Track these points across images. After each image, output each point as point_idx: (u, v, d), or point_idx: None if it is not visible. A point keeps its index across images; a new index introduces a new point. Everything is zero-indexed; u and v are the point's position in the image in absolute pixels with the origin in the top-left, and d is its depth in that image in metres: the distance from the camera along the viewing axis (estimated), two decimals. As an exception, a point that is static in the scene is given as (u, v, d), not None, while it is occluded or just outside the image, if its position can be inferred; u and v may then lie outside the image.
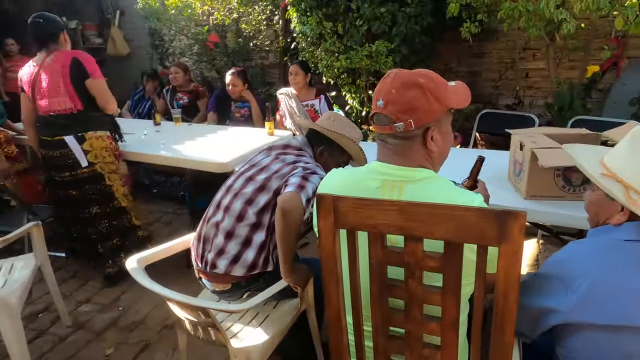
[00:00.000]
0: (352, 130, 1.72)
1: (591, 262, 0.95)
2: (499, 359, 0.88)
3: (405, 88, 1.00)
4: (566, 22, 2.66)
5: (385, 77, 1.07)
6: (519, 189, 1.76)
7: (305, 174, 1.47)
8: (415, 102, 1.00)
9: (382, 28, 3.33)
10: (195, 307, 1.32)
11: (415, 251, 0.88)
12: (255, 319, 1.60)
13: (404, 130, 1.01)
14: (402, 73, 1.04)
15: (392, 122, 1.01)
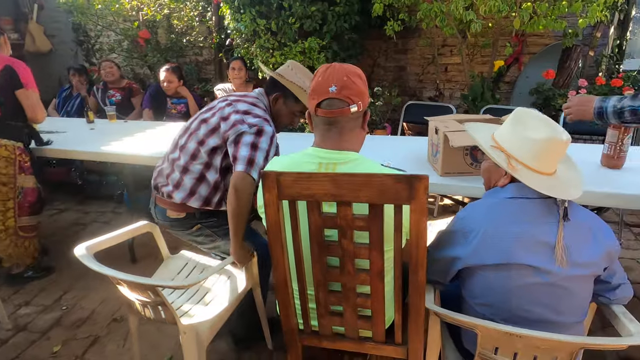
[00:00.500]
0: (309, 80, 1.69)
1: (483, 217, 1.20)
2: (415, 295, 1.09)
3: (354, 76, 1.18)
4: (474, 22, 3.01)
5: (326, 68, 1.20)
6: (436, 167, 2.02)
7: (253, 141, 1.54)
8: (362, 88, 1.19)
9: (313, 26, 3.52)
10: (146, 286, 1.40)
11: (346, 214, 1.07)
12: (203, 297, 1.72)
13: (357, 111, 1.18)
14: (344, 64, 1.21)
15: (348, 104, 1.17)
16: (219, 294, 1.73)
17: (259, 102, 1.73)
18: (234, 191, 1.48)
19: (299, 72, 1.72)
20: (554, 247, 1.10)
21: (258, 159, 1.52)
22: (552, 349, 1.08)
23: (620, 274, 1.23)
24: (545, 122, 1.18)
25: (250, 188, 1.50)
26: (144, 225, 1.83)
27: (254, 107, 1.67)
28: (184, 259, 1.98)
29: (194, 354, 1.50)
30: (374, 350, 1.25)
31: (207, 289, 1.77)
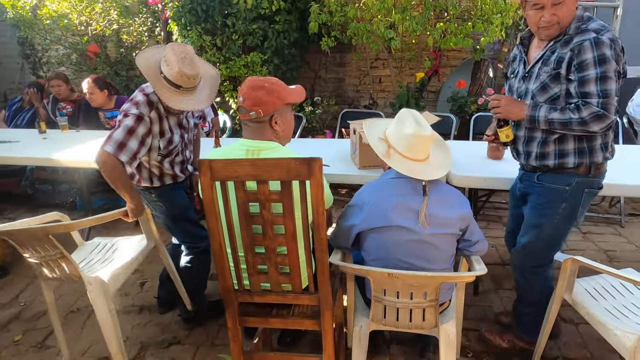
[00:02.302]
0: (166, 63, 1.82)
1: (372, 192, 1.58)
2: (319, 251, 1.44)
3: (256, 89, 1.53)
4: (394, 40, 3.47)
5: (243, 84, 1.59)
6: (355, 162, 2.41)
7: (124, 123, 1.80)
8: (262, 99, 1.54)
9: (255, 42, 3.86)
10: (37, 232, 1.67)
11: (264, 190, 1.40)
12: (111, 261, 2.06)
13: (256, 117, 1.53)
14: (253, 79, 1.57)
15: (248, 112, 1.53)
16: (123, 253, 2.08)
17: (149, 87, 1.91)
18: (99, 167, 1.83)
19: (166, 54, 1.84)
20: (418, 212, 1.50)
21: (116, 136, 1.79)
22: (421, 285, 1.47)
23: (477, 233, 1.64)
24: (416, 121, 1.58)
25: (111, 162, 1.79)
26: (52, 215, 2.14)
27: (138, 94, 1.90)
28: (96, 243, 2.27)
29: (102, 303, 1.80)
30: (294, 300, 1.58)
31: (113, 255, 2.12)
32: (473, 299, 2.45)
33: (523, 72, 1.74)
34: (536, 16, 1.58)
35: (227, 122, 4.13)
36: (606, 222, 3.49)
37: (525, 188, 1.86)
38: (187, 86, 1.85)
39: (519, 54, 1.80)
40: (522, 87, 1.74)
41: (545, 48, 1.65)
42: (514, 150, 1.87)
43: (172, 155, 2.04)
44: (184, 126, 2.08)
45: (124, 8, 4.74)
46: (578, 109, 1.55)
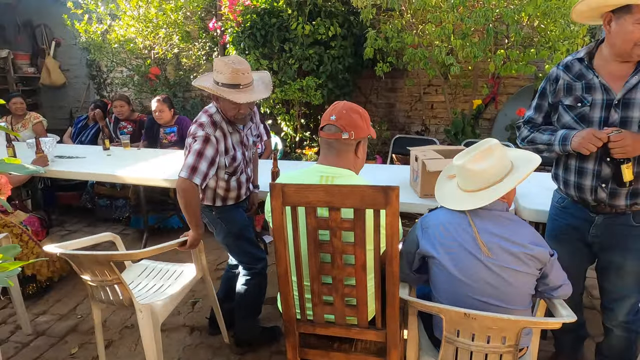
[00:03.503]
0: (217, 73, 1.89)
1: (438, 213, 1.52)
2: (390, 284, 1.36)
3: (352, 112, 1.53)
4: (453, 66, 3.40)
5: (335, 104, 1.58)
6: (416, 190, 2.33)
7: (193, 148, 1.88)
8: (357, 122, 1.53)
9: (311, 66, 3.91)
10: (100, 259, 1.71)
11: (336, 218, 1.35)
12: (160, 287, 2.07)
13: (348, 138, 1.50)
14: (348, 103, 1.57)
15: (340, 131, 1.50)
16: (172, 282, 2.09)
17: (211, 107, 2.02)
18: (178, 193, 1.88)
19: (215, 67, 1.93)
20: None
21: (201, 165, 1.87)
22: (500, 329, 1.35)
23: (560, 276, 1.49)
24: (474, 152, 1.48)
25: (191, 189, 1.86)
26: (106, 235, 2.20)
27: (202, 115, 1.99)
28: (144, 265, 2.28)
29: (150, 331, 1.80)
30: (358, 335, 1.50)
31: (162, 281, 2.13)
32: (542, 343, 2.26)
33: (610, 100, 1.53)
34: (635, 37, 1.42)
35: (278, 144, 4.16)
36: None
37: (608, 234, 1.64)
38: (243, 82, 1.90)
39: (592, 80, 1.56)
40: (615, 117, 1.52)
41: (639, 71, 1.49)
42: (611, 189, 1.57)
43: (238, 173, 2.08)
44: (244, 143, 2.12)
45: (185, 33, 4.97)
46: None
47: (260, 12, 3.92)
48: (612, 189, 1.55)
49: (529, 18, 3.46)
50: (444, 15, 3.41)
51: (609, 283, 1.71)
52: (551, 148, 1.64)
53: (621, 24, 1.46)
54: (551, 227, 1.85)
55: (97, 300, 1.94)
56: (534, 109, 1.77)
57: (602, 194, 1.57)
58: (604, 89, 1.54)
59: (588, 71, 1.58)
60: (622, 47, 1.48)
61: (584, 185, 1.61)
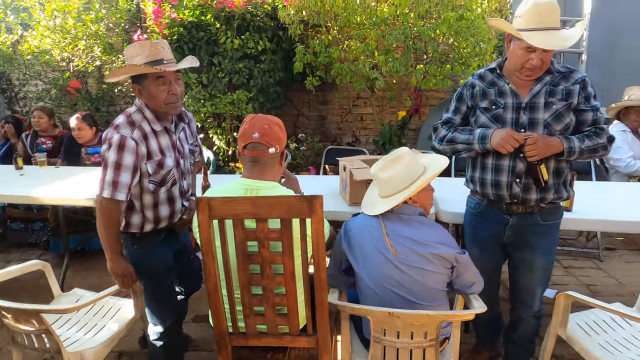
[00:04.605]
0: (135, 50, 1.67)
1: (357, 219, 1.61)
2: (318, 289, 1.41)
3: (273, 125, 1.55)
4: (378, 80, 3.59)
5: (252, 118, 1.57)
6: (345, 199, 2.42)
7: (109, 160, 1.63)
8: (280, 135, 1.56)
9: (241, 80, 3.92)
10: (29, 312, 1.55)
11: (263, 228, 1.38)
12: (91, 328, 1.90)
13: (274, 152, 1.53)
14: (265, 116, 1.58)
15: (267, 147, 1.52)
16: (107, 323, 1.91)
17: (131, 108, 1.77)
18: (97, 211, 1.68)
19: (127, 55, 1.71)
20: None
21: (107, 177, 1.63)
22: (422, 325, 1.45)
23: (472, 274, 1.61)
24: (384, 161, 1.61)
25: (108, 207, 1.65)
26: (35, 264, 1.99)
27: (119, 117, 1.73)
28: (76, 296, 2.08)
29: None
30: (291, 343, 1.53)
31: (95, 320, 1.94)
32: (464, 337, 2.42)
33: (519, 103, 1.72)
34: (525, 57, 1.64)
35: (210, 157, 4.10)
36: (585, 256, 3.57)
37: (520, 233, 1.81)
38: (167, 57, 1.69)
39: (503, 87, 1.75)
40: (524, 118, 1.71)
41: (544, 81, 1.71)
42: (520, 192, 1.75)
43: (168, 183, 1.79)
44: (178, 149, 1.84)
45: (108, 45, 4.76)
46: (597, 134, 1.70)
47: (188, 25, 3.87)
48: (526, 184, 1.74)
49: (444, 36, 3.75)
50: (367, 31, 3.60)
51: (523, 278, 1.89)
52: (470, 147, 1.79)
53: (514, 46, 1.68)
54: (470, 234, 2.01)
55: (20, 346, 1.73)
56: (452, 112, 1.92)
57: (517, 189, 1.75)
58: (513, 94, 1.74)
59: (500, 79, 1.78)
60: (513, 66, 1.72)
61: (501, 182, 1.77)
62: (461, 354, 2.18)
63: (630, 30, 4.45)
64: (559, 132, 1.70)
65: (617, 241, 3.89)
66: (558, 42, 1.61)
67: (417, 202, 1.57)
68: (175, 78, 1.72)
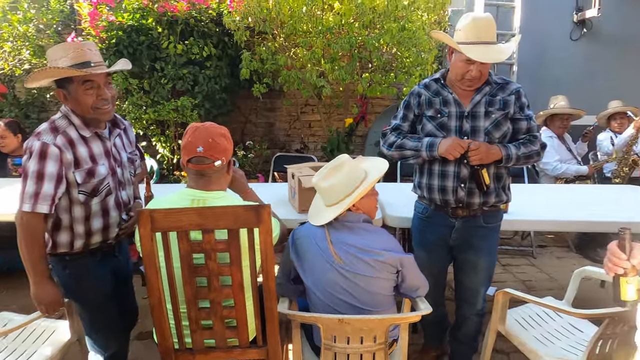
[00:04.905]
0: (59, 52, 1.54)
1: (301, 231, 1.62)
2: (268, 299, 1.39)
3: (218, 138, 1.49)
4: (325, 87, 3.64)
5: (194, 130, 1.49)
6: (294, 206, 2.41)
7: (30, 169, 1.50)
8: (226, 146, 1.51)
9: (185, 86, 3.81)
10: None
11: (210, 240, 1.35)
12: (18, 349, 1.74)
13: (221, 165, 1.49)
14: (209, 127, 1.51)
15: (212, 161, 1.47)
16: (39, 348, 1.74)
17: (56, 114, 1.65)
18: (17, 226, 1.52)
19: (50, 57, 1.57)
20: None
21: (29, 188, 1.49)
22: (371, 329, 1.47)
23: (417, 278, 1.64)
24: (325, 170, 1.61)
25: (26, 223, 1.50)
26: None
27: (43, 124, 1.61)
28: (4, 320, 1.89)
29: None
30: (241, 355, 1.50)
31: (26, 346, 1.77)
32: (413, 337, 2.50)
33: (462, 112, 1.81)
34: (465, 68, 1.74)
35: (154, 167, 3.94)
36: (520, 254, 3.81)
37: (465, 236, 1.90)
38: (95, 60, 1.55)
39: (447, 96, 1.84)
40: (466, 126, 1.81)
41: (483, 91, 1.82)
42: (464, 196, 1.84)
43: (102, 193, 1.63)
44: (114, 157, 1.70)
45: (38, 47, 4.45)
46: (531, 142, 1.83)
47: (127, 29, 3.71)
48: (470, 188, 1.83)
49: (387, 46, 3.87)
50: (314, 40, 3.65)
51: (468, 279, 1.98)
52: (418, 153, 1.87)
53: (455, 58, 1.80)
54: (418, 238, 2.08)
55: None
56: (400, 119, 1.99)
57: (461, 193, 1.84)
58: (456, 103, 1.84)
59: (444, 89, 1.87)
60: (455, 76, 1.82)
61: (447, 187, 1.85)
62: (410, 355, 2.24)
63: (555, 44, 4.84)
64: (498, 140, 1.82)
65: (548, 239, 4.19)
66: (494, 56, 1.72)
67: (360, 209, 1.60)
68: (106, 82, 1.60)
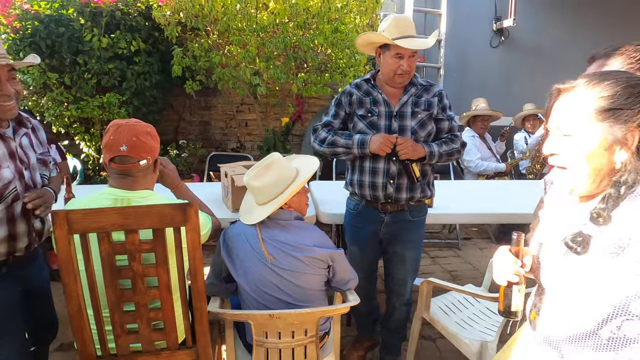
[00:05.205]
0: None
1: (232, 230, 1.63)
2: (197, 299, 1.38)
3: (142, 136, 1.43)
4: (260, 86, 3.63)
5: (117, 127, 1.43)
6: (228, 205, 2.39)
7: None
8: (152, 144, 1.46)
9: (112, 82, 3.62)
10: None
11: (134, 240, 1.30)
12: None
13: (146, 164, 1.44)
14: (135, 124, 1.45)
15: (137, 160, 1.42)
16: None
17: None
18: None
19: None
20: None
21: None
22: (302, 323, 1.50)
23: (347, 272, 1.69)
24: (256, 169, 1.62)
25: None
26: None
27: None
28: None
29: None
30: (169, 357, 1.46)
31: None
32: (347, 329, 2.57)
33: (390, 111, 1.91)
34: (396, 64, 1.84)
35: (77, 167, 3.71)
36: (447, 246, 4.06)
37: (394, 230, 2.00)
38: None
39: (377, 96, 1.92)
40: (395, 125, 1.91)
41: (409, 92, 1.93)
42: (393, 192, 1.93)
43: (7, 199, 1.47)
44: (20, 158, 1.54)
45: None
46: (452, 141, 1.95)
47: (44, 19, 3.45)
48: (398, 184, 1.93)
49: (322, 47, 3.94)
50: (248, 38, 3.62)
51: (396, 270, 2.08)
52: (349, 151, 1.94)
53: (385, 57, 1.89)
54: (350, 233, 2.15)
55: None
56: (332, 116, 2.05)
57: (390, 189, 1.93)
58: (385, 103, 1.93)
59: (374, 89, 1.96)
60: (386, 75, 1.91)
61: (377, 183, 1.94)
62: (344, 346, 2.32)
63: (477, 50, 5.20)
64: (423, 139, 1.94)
65: (472, 231, 4.50)
66: (421, 45, 1.85)
67: (292, 207, 1.63)
68: (9, 77, 1.46)
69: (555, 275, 0.96)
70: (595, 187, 0.90)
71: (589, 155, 0.86)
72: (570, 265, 0.91)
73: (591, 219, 0.88)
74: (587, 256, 0.88)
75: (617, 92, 0.84)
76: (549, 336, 1.00)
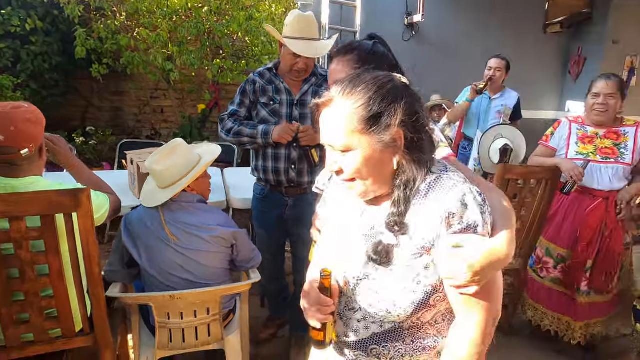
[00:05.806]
0: None
1: (133, 215, 1.64)
2: (93, 285, 1.38)
3: (22, 123, 1.32)
4: (173, 72, 3.54)
5: None
6: (135, 193, 2.35)
7: None
8: (33, 132, 1.36)
9: (4, 63, 3.32)
10: None
11: (19, 228, 1.27)
12: None
13: (29, 153, 1.35)
14: (11, 111, 1.33)
15: (18, 150, 1.33)
16: None
17: None
18: None
19: None
20: None
21: None
22: (203, 302, 1.56)
23: (248, 248, 1.79)
24: (159, 154, 1.65)
25: None
26: None
27: None
28: None
29: None
30: (65, 345, 1.45)
31: None
32: (261, 310, 2.67)
33: (292, 100, 2.01)
34: (292, 61, 1.93)
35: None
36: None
37: (297, 213, 2.09)
38: None
39: (279, 85, 2.01)
40: (296, 112, 2.01)
41: (310, 82, 2.03)
42: (294, 178, 2.04)
43: None
44: None
45: None
46: None
47: None
48: (299, 169, 2.03)
49: (237, 34, 3.93)
50: (159, 21, 3.50)
51: (299, 251, 2.19)
52: (254, 140, 2.00)
53: (284, 51, 1.97)
54: (258, 217, 2.22)
55: None
56: (237, 105, 2.10)
57: (292, 174, 2.03)
58: (287, 92, 2.02)
59: (276, 78, 2.03)
60: (284, 68, 2.00)
61: (280, 168, 2.02)
62: (255, 326, 2.41)
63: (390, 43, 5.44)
64: None
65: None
66: (315, 52, 1.94)
67: (195, 190, 1.67)
68: None
69: (361, 285, 0.91)
70: (387, 188, 0.89)
71: (369, 165, 0.84)
72: (376, 274, 0.89)
73: (388, 227, 0.87)
74: (392, 265, 0.86)
75: (371, 97, 0.83)
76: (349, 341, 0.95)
